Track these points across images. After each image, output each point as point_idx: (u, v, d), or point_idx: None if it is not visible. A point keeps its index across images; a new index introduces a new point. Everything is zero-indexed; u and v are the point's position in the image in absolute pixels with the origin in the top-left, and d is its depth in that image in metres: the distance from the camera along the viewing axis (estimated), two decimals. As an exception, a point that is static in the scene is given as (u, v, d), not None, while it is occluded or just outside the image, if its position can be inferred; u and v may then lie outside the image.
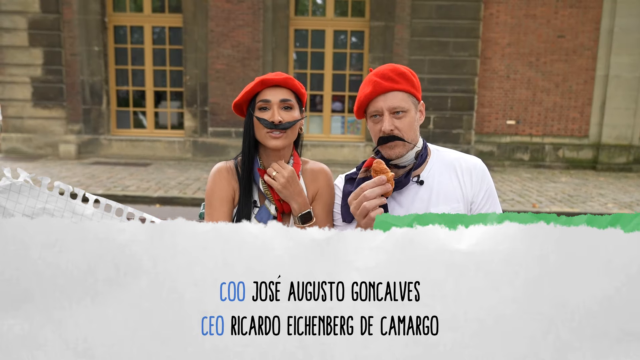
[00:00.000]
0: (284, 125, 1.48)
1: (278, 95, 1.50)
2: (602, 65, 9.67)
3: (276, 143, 1.49)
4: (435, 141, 9.45)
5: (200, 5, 9.48)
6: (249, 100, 1.55)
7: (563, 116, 9.90)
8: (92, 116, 9.84)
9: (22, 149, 9.90)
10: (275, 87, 1.51)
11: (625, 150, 9.86)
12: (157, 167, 8.99)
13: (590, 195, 7.47)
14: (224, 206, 1.52)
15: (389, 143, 1.48)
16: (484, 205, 1.54)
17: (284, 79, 1.51)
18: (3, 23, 9.54)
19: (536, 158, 9.98)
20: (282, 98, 1.50)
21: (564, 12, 9.59)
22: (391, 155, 1.50)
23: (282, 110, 1.50)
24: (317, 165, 1.64)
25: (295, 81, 1.55)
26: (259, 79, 1.51)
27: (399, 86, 1.49)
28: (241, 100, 1.55)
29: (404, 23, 9.47)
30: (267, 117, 1.49)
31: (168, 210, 6.40)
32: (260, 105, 1.51)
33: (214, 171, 1.58)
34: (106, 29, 9.72)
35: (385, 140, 1.48)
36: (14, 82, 9.73)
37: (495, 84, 9.83)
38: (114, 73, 9.97)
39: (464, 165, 1.56)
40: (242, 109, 1.59)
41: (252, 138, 1.54)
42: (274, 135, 1.49)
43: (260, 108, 1.51)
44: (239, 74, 9.65)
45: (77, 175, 7.89)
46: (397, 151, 1.49)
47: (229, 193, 1.54)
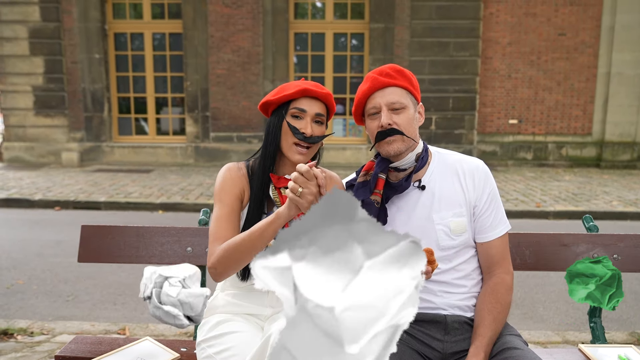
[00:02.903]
0: (314, 139, 1.44)
1: (315, 108, 1.45)
2: (603, 62, 9.62)
3: (299, 158, 1.44)
4: (437, 142, 9.42)
5: (199, 10, 9.49)
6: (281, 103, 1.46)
7: (566, 114, 9.86)
8: (94, 123, 9.85)
9: (24, 157, 9.92)
10: (313, 98, 1.46)
11: (629, 147, 9.81)
12: (159, 173, 8.99)
13: (594, 193, 7.42)
14: (233, 203, 1.48)
15: (387, 138, 1.45)
16: (487, 208, 1.51)
17: (326, 94, 1.47)
18: (4, 32, 9.57)
19: (539, 157, 9.94)
20: (318, 112, 1.46)
21: (564, 10, 9.56)
22: (389, 152, 1.46)
23: (314, 124, 1.45)
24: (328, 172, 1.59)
25: (333, 98, 1.50)
26: (301, 87, 1.43)
27: (397, 82, 1.47)
28: (274, 101, 1.46)
29: (403, 24, 9.46)
30: (299, 126, 1.43)
31: (171, 216, 6.39)
32: (294, 112, 1.44)
33: (224, 169, 1.53)
34: (106, 37, 9.74)
35: (384, 135, 1.44)
36: (16, 91, 9.76)
37: (496, 83, 9.80)
38: (115, 80, 9.98)
39: (466, 167, 1.54)
40: (268, 109, 1.51)
41: (277, 144, 1.46)
42: (300, 151, 1.44)
43: (293, 115, 1.45)
44: (240, 79, 9.65)
45: (80, 183, 7.89)
46: (395, 146, 1.45)
47: (239, 191, 1.50)
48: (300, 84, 1.46)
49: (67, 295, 3.72)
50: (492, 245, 1.51)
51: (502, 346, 1.40)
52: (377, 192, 1.48)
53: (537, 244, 1.86)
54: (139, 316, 3.39)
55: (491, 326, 1.41)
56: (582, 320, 3.36)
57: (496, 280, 1.49)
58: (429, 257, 1.23)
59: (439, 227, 1.47)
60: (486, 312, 1.43)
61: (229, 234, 1.41)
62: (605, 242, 1.86)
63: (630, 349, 1.70)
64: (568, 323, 3.34)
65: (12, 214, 6.43)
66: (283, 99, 1.45)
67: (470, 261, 1.52)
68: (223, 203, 1.47)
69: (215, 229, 1.43)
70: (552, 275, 4.20)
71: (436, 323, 1.47)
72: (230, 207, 1.47)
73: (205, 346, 1.44)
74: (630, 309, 3.55)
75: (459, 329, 1.46)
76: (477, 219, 1.51)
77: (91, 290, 3.83)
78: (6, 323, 3.03)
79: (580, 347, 1.72)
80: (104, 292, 3.78)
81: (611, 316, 3.41)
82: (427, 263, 1.32)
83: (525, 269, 1.87)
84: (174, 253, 1.90)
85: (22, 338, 2.87)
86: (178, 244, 1.90)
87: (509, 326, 1.53)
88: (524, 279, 4.10)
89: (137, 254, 1.91)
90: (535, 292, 3.85)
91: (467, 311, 1.49)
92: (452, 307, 1.48)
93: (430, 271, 1.23)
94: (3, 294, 3.72)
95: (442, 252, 1.48)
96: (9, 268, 4.27)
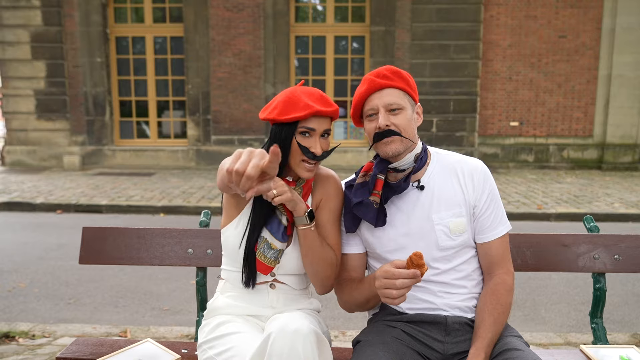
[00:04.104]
0: (324, 155, 1.45)
1: (323, 126, 1.44)
2: (604, 64, 9.63)
3: (309, 175, 1.45)
4: (438, 144, 9.43)
5: (200, 14, 9.52)
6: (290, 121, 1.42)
7: (567, 116, 9.85)
8: (96, 127, 9.88)
9: (26, 161, 9.94)
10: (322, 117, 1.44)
11: (630, 149, 9.80)
12: (160, 176, 9.00)
13: (596, 195, 7.41)
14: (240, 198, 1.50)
15: (384, 139, 1.45)
16: (487, 209, 1.51)
17: (335, 111, 1.46)
18: (6, 37, 9.61)
19: (541, 159, 9.93)
20: (326, 129, 1.46)
21: (565, 12, 9.57)
22: (387, 153, 1.46)
23: (321, 138, 1.45)
24: (326, 170, 1.60)
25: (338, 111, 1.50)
26: (312, 110, 1.39)
27: (394, 83, 1.47)
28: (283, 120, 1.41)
29: (404, 27, 9.47)
30: (308, 145, 1.42)
31: (172, 219, 6.40)
32: (302, 130, 1.42)
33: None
34: (108, 40, 9.77)
35: (381, 136, 1.45)
36: (18, 95, 9.79)
37: (497, 85, 9.80)
38: (117, 84, 10.01)
39: (465, 168, 1.53)
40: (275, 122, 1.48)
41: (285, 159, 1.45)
42: (309, 168, 1.44)
43: (301, 132, 1.44)
44: (241, 82, 9.67)
45: (82, 186, 7.90)
46: (393, 147, 1.45)
47: None
48: (308, 101, 1.41)
49: (69, 298, 3.72)
50: (492, 246, 1.51)
51: (502, 347, 1.40)
52: (376, 192, 1.48)
53: (537, 245, 1.86)
54: (140, 319, 3.39)
55: (492, 327, 1.41)
56: (584, 322, 3.36)
57: (497, 281, 1.49)
58: (418, 260, 1.24)
59: (438, 227, 1.47)
60: (487, 313, 1.43)
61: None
62: (606, 242, 1.86)
63: (632, 349, 1.70)
64: (570, 325, 3.34)
65: (13, 217, 6.44)
66: (293, 120, 1.42)
67: (471, 262, 1.52)
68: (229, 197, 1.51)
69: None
70: (554, 277, 4.19)
71: (437, 324, 1.46)
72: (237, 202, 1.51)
73: (206, 347, 1.44)
74: (632, 311, 3.54)
75: (459, 330, 1.46)
76: (476, 219, 1.51)
77: (92, 293, 3.84)
78: (8, 326, 3.03)
79: (582, 347, 1.72)
80: (105, 295, 3.79)
81: (613, 318, 3.40)
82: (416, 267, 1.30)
83: (526, 269, 1.86)
84: (175, 254, 1.91)
85: (24, 341, 2.88)
86: (179, 245, 1.91)
87: (509, 327, 1.53)
88: (526, 280, 4.09)
89: (138, 255, 1.91)
90: (537, 294, 3.85)
91: (467, 312, 1.49)
92: (453, 308, 1.48)
93: (420, 275, 1.23)
94: (5, 297, 3.73)
95: (441, 252, 1.48)
96: (11, 271, 4.28)
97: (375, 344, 1.39)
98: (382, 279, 1.27)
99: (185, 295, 3.80)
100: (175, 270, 4.26)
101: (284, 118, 1.41)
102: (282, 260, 1.49)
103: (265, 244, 1.46)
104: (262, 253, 1.46)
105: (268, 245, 1.46)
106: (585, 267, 1.85)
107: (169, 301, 3.69)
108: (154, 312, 3.51)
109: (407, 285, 1.24)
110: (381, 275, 1.27)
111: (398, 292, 1.24)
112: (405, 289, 1.24)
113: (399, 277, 1.24)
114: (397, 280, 1.23)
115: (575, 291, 3.90)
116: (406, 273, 1.23)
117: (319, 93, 1.46)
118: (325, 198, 1.55)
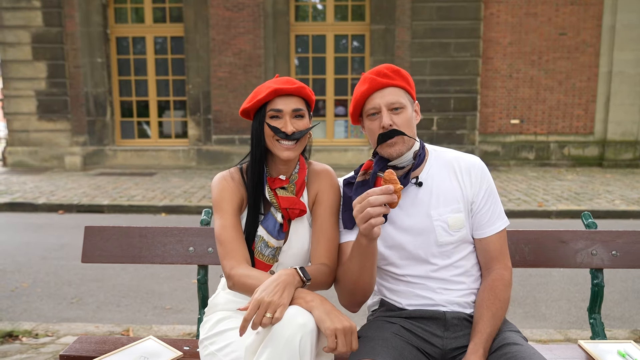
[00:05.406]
0: (297, 135, 1.46)
1: (290, 105, 1.46)
2: (605, 61, 9.62)
3: (288, 154, 1.47)
4: (439, 142, 9.43)
5: (201, 14, 9.54)
6: (258, 107, 1.49)
7: (567, 114, 9.85)
8: (97, 127, 9.90)
9: (28, 161, 9.97)
10: (287, 95, 1.47)
11: (631, 146, 9.79)
12: (162, 176, 9.02)
13: (597, 192, 7.42)
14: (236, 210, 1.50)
15: (389, 140, 1.46)
16: (485, 204, 1.53)
17: (297, 89, 1.47)
18: (7, 38, 9.63)
19: (541, 157, 9.93)
20: (295, 107, 1.47)
21: (565, 9, 9.56)
22: (392, 154, 1.48)
23: (294, 119, 1.47)
24: (320, 165, 1.62)
25: (307, 89, 1.51)
26: (271, 88, 1.45)
27: (395, 82, 1.48)
28: (250, 107, 1.49)
29: (404, 25, 9.48)
30: (279, 126, 1.46)
31: (173, 218, 6.42)
32: (271, 114, 1.46)
33: (219, 179, 1.54)
34: (109, 41, 9.79)
35: (386, 137, 1.45)
36: (19, 96, 9.81)
37: (498, 83, 9.80)
38: (117, 84, 10.03)
39: (463, 164, 1.55)
40: (249, 114, 1.55)
41: (263, 146, 1.50)
42: (287, 147, 1.46)
43: (271, 117, 1.47)
44: (241, 81, 9.68)
45: (83, 187, 7.93)
46: (397, 148, 1.47)
47: (238, 199, 1.51)
48: (271, 84, 1.47)
49: (71, 298, 3.74)
50: (490, 241, 1.52)
51: (501, 342, 1.41)
52: None
53: (535, 241, 1.87)
54: (142, 317, 3.41)
55: (490, 322, 1.42)
56: (584, 318, 3.37)
57: (495, 276, 1.50)
58: (390, 176, 1.27)
59: (437, 223, 1.49)
60: (485, 309, 1.44)
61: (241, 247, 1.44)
62: (604, 238, 1.87)
63: (629, 344, 1.71)
64: (570, 321, 3.35)
65: (16, 218, 6.47)
66: (258, 104, 1.48)
67: (469, 257, 1.53)
68: (226, 211, 1.48)
69: (226, 238, 1.45)
70: (555, 274, 4.20)
71: (436, 319, 1.48)
72: (234, 215, 1.49)
73: (208, 343, 1.46)
74: (632, 307, 3.55)
75: (458, 325, 1.48)
76: (474, 215, 1.52)
77: (95, 292, 3.86)
78: (11, 325, 3.05)
79: (580, 343, 1.73)
80: (107, 294, 3.81)
81: (613, 314, 3.42)
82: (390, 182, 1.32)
83: (524, 266, 1.88)
84: (177, 253, 1.92)
85: (27, 340, 2.90)
86: (180, 244, 1.92)
87: (508, 322, 1.54)
88: (526, 277, 4.10)
89: (140, 254, 1.93)
90: (537, 291, 3.86)
91: (466, 307, 1.51)
92: (452, 304, 1.49)
93: (393, 191, 1.24)
94: (8, 296, 3.75)
95: (440, 248, 1.49)
96: (14, 271, 4.30)
97: (374, 340, 1.40)
98: (357, 204, 1.27)
99: (186, 294, 3.82)
100: (177, 269, 4.28)
101: (251, 104, 1.49)
102: (280, 257, 1.51)
103: (262, 242, 1.48)
104: (259, 252, 1.48)
105: (265, 243, 1.48)
106: (583, 263, 1.86)
107: (171, 300, 3.71)
108: (156, 311, 3.53)
109: (380, 201, 1.23)
110: (357, 202, 1.27)
111: (374, 210, 1.23)
112: (380, 207, 1.24)
113: (371, 194, 1.25)
114: (371, 197, 1.24)
115: (576, 288, 3.91)
116: (379, 189, 1.25)
117: (285, 78, 1.51)
118: (320, 192, 1.56)
